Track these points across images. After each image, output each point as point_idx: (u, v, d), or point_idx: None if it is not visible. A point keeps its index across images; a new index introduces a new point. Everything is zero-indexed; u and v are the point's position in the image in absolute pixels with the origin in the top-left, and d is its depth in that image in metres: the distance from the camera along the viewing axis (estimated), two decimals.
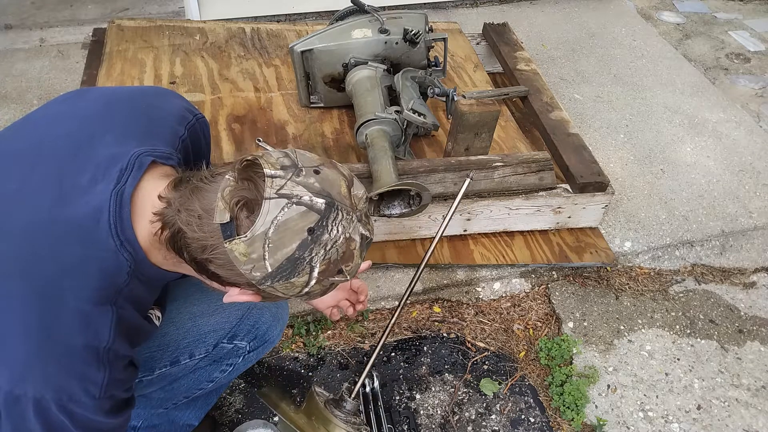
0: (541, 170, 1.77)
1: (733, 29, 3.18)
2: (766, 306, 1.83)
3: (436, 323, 1.71)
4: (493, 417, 1.51)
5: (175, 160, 0.88)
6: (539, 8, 3.23)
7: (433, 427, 1.48)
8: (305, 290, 0.80)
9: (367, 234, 0.81)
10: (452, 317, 1.72)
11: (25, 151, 0.86)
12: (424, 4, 3.11)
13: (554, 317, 1.75)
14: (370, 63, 1.87)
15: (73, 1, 3.05)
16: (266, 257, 0.74)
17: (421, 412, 1.51)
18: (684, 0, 3.43)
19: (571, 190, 1.82)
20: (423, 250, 1.80)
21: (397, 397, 1.54)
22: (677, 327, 1.75)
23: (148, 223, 0.80)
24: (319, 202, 0.75)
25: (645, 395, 1.57)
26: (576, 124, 2.18)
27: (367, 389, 1.49)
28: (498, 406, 1.54)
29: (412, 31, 1.85)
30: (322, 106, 2.04)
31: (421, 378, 1.58)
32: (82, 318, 0.77)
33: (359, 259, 0.82)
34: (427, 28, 1.93)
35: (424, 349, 1.65)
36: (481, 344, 1.67)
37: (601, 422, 1.50)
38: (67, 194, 0.79)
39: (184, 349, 1.10)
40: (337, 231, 0.76)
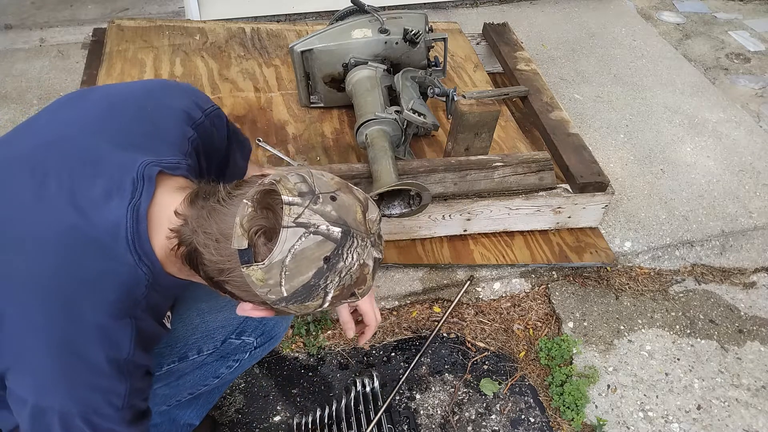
0: (541, 170, 1.77)
1: (733, 29, 3.18)
2: (766, 306, 1.83)
3: (436, 323, 1.71)
4: (493, 417, 1.51)
5: (183, 168, 0.88)
6: (539, 8, 3.23)
7: (433, 427, 1.48)
8: (318, 311, 0.82)
9: (379, 256, 0.83)
10: (452, 317, 1.72)
11: (35, 158, 0.85)
12: (424, 4, 3.11)
13: (554, 317, 1.75)
14: (370, 63, 1.87)
15: (73, 1, 3.05)
16: (282, 284, 0.76)
17: (421, 412, 1.51)
18: (684, 0, 3.43)
19: (571, 190, 1.82)
20: (423, 250, 1.80)
21: (397, 397, 1.54)
22: (677, 327, 1.75)
23: (165, 238, 0.81)
24: (336, 231, 0.76)
25: (645, 395, 1.57)
26: (576, 124, 2.18)
27: (367, 389, 1.49)
28: (498, 406, 1.54)
29: (412, 31, 1.85)
30: (322, 106, 2.04)
31: (421, 378, 1.58)
32: (103, 331, 0.78)
33: (371, 281, 0.83)
34: (427, 28, 1.93)
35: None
36: (481, 344, 1.67)
37: (601, 422, 1.50)
38: (82, 208, 0.79)
39: (192, 345, 1.11)
40: (352, 258, 0.78)
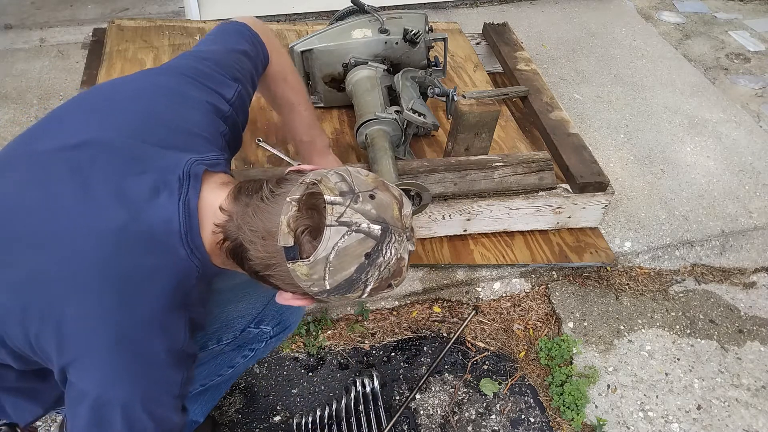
0: (541, 170, 1.77)
1: (733, 29, 3.18)
2: (766, 306, 1.83)
3: (436, 323, 1.71)
4: (493, 417, 1.51)
5: (222, 164, 0.93)
6: (539, 8, 3.23)
7: (433, 427, 1.48)
8: (356, 301, 0.88)
9: (412, 248, 0.87)
10: (452, 317, 1.72)
11: (73, 157, 0.85)
12: (424, 4, 3.11)
13: (554, 317, 1.75)
14: (370, 63, 1.87)
15: (73, 1, 3.05)
16: (326, 278, 0.80)
17: (421, 412, 1.51)
18: (684, 0, 3.43)
19: (571, 190, 1.82)
20: (423, 250, 1.80)
21: (397, 397, 1.54)
22: (677, 327, 1.75)
23: (211, 233, 0.85)
24: (376, 228, 0.80)
25: (645, 395, 1.57)
26: (576, 124, 2.18)
27: (367, 389, 1.49)
28: (498, 406, 1.54)
29: (412, 31, 1.85)
30: (322, 106, 2.04)
31: (421, 378, 1.58)
32: (161, 324, 0.81)
33: (406, 272, 0.88)
34: (427, 28, 1.93)
35: (424, 349, 1.65)
36: (481, 344, 1.67)
37: (601, 422, 1.50)
38: (131, 205, 0.81)
39: (212, 335, 1.13)
40: (390, 253, 0.82)
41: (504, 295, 1.79)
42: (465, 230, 1.83)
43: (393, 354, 1.63)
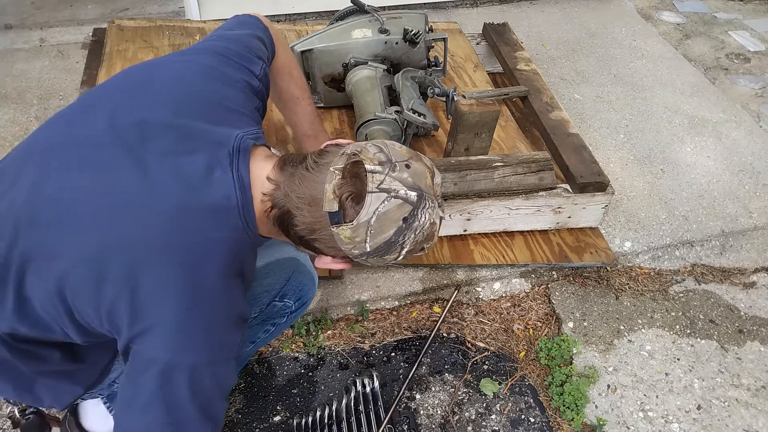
0: (541, 170, 1.77)
1: (733, 29, 3.18)
2: (766, 306, 1.83)
3: (436, 323, 1.71)
4: (493, 417, 1.51)
5: (262, 137, 0.99)
6: (539, 8, 3.23)
7: (433, 427, 1.48)
8: (391, 263, 0.95)
9: (443, 215, 0.94)
10: (452, 317, 1.72)
11: (125, 138, 0.89)
12: (424, 4, 3.11)
13: (554, 317, 1.75)
14: (370, 63, 1.87)
15: (73, 1, 3.05)
16: (367, 240, 0.88)
17: (421, 412, 1.51)
18: (684, 0, 3.43)
19: (571, 190, 1.82)
20: None
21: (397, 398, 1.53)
22: (677, 327, 1.75)
23: (260, 202, 0.91)
24: (412, 194, 0.87)
25: (645, 395, 1.57)
26: (576, 124, 2.18)
27: (367, 389, 1.49)
28: (498, 406, 1.54)
29: (412, 31, 1.85)
30: (322, 106, 2.04)
31: (421, 378, 1.58)
32: (223, 292, 0.87)
33: (437, 236, 0.96)
34: (427, 28, 1.93)
35: (424, 348, 1.65)
36: (481, 344, 1.67)
37: (601, 422, 1.50)
38: (190, 182, 0.86)
39: None
40: (425, 218, 0.89)
41: (504, 295, 1.79)
42: (465, 230, 1.83)
43: (393, 354, 1.63)
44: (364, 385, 1.50)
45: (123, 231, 0.83)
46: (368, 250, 0.89)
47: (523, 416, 1.52)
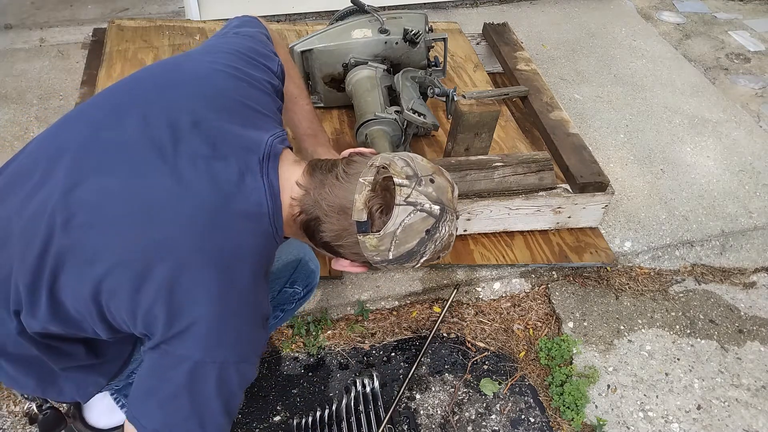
0: (541, 170, 1.77)
1: (733, 29, 3.18)
2: (766, 306, 1.83)
3: (436, 323, 1.71)
4: (493, 417, 1.51)
5: (287, 140, 1.01)
6: (539, 8, 3.23)
7: (433, 427, 1.48)
8: (409, 269, 0.99)
9: (458, 227, 0.99)
10: (452, 317, 1.72)
11: (157, 141, 0.89)
12: (424, 4, 3.11)
13: (554, 317, 1.75)
14: (370, 63, 1.87)
15: (73, 1, 3.05)
16: (391, 249, 0.92)
17: (421, 412, 1.51)
18: (684, 0, 3.43)
19: (571, 190, 1.82)
20: None
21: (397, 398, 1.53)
22: (677, 327, 1.75)
23: (288, 206, 0.94)
24: (436, 208, 0.92)
25: (645, 395, 1.57)
26: (576, 124, 2.18)
27: (367, 389, 1.49)
28: (498, 406, 1.54)
29: (412, 31, 1.85)
30: (322, 106, 2.04)
31: (421, 378, 1.58)
32: (253, 294, 0.90)
33: (451, 247, 1.00)
34: (427, 28, 1.93)
35: (424, 348, 1.65)
36: (481, 344, 1.67)
37: (601, 422, 1.50)
38: (225, 188, 0.88)
39: None
40: (445, 230, 0.94)
41: (504, 295, 1.79)
42: (465, 230, 1.83)
43: (393, 354, 1.63)
44: (364, 385, 1.50)
45: (160, 235, 0.84)
46: (390, 258, 0.93)
47: (523, 416, 1.52)
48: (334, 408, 1.46)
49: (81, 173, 0.88)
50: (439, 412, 1.51)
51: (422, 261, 0.96)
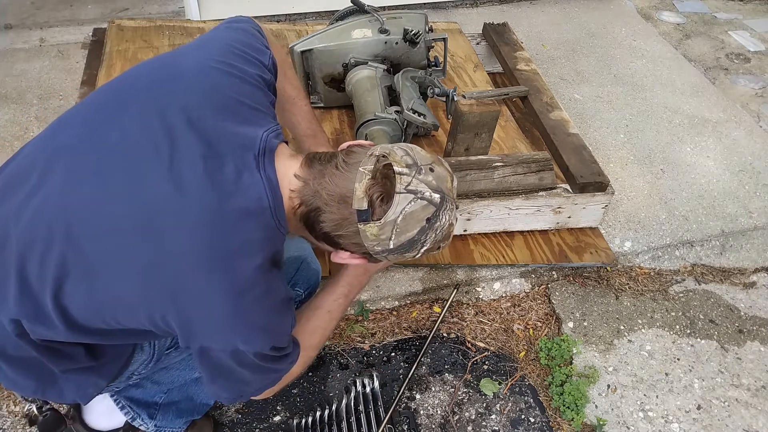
0: (541, 170, 1.77)
1: (733, 29, 3.18)
2: (766, 306, 1.83)
3: (436, 323, 1.71)
4: (493, 417, 1.51)
5: (281, 134, 1.01)
6: (539, 8, 3.23)
7: (433, 427, 1.48)
8: (409, 259, 0.99)
9: (458, 217, 1.00)
10: (452, 317, 1.72)
11: (156, 142, 0.89)
12: (424, 4, 3.11)
13: (554, 317, 1.75)
14: (370, 63, 1.87)
15: (73, 1, 3.05)
16: (392, 238, 0.92)
17: (421, 412, 1.51)
18: (684, 0, 3.43)
19: (571, 190, 1.82)
20: None
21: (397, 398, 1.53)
22: (677, 327, 1.75)
23: (288, 199, 0.95)
24: (436, 197, 0.93)
25: (645, 395, 1.57)
26: (576, 124, 2.18)
27: (367, 389, 1.49)
28: (498, 406, 1.54)
29: (412, 31, 1.85)
30: (322, 106, 2.04)
31: (421, 378, 1.58)
32: (265, 286, 0.90)
33: (451, 237, 1.01)
34: (427, 28, 1.93)
35: (424, 348, 1.65)
36: (481, 344, 1.67)
37: (601, 422, 1.50)
38: (223, 187, 0.88)
39: None
40: (445, 219, 0.95)
41: (504, 295, 1.79)
42: (465, 230, 1.83)
43: (393, 354, 1.63)
44: (364, 385, 1.50)
45: (163, 246, 0.85)
46: (391, 247, 0.93)
47: (523, 416, 1.52)
48: (334, 408, 1.46)
49: (78, 176, 0.88)
50: (439, 412, 1.51)
51: (422, 251, 0.96)
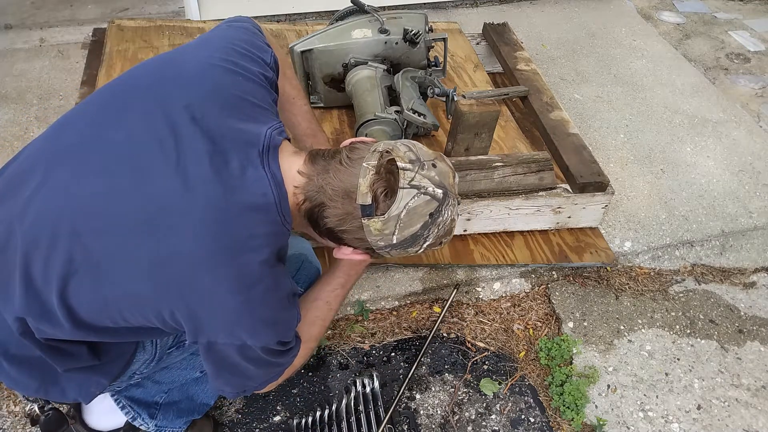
0: (541, 170, 1.77)
1: (733, 29, 3.18)
2: (766, 306, 1.83)
3: (436, 323, 1.71)
4: (493, 417, 1.51)
5: (284, 130, 1.02)
6: (539, 8, 3.23)
7: (433, 427, 1.48)
8: (411, 255, 1.01)
9: (459, 213, 1.01)
10: (452, 317, 1.72)
11: (162, 142, 0.89)
12: (424, 4, 3.11)
13: (554, 317, 1.75)
14: (370, 63, 1.87)
15: (73, 1, 3.05)
16: (395, 233, 0.94)
17: (421, 412, 1.51)
18: (684, 0, 3.43)
19: (571, 190, 1.82)
20: None
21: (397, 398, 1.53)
22: (677, 327, 1.75)
23: (292, 195, 0.95)
24: (439, 192, 0.94)
25: (645, 395, 1.57)
26: (576, 124, 2.18)
27: (367, 389, 1.49)
28: (498, 406, 1.54)
29: (412, 31, 1.85)
30: (322, 106, 2.04)
31: (421, 378, 1.58)
32: (271, 280, 0.91)
33: (453, 232, 1.02)
34: (427, 28, 1.93)
35: (424, 348, 1.65)
36: (481, 344, 1.67)
37: (601, 422, 1.50)
38: (229, 184, 0.89)
39: None
40: (448, 214, 0.96)
41: (504, 295, 1.79)
42: (465, 230, 1.83)
43: (393, 354, 1.63)
44: (364, 385, 1.50)
45: (170, 241, 0.85)
46: (394, 242, 0.94)
47: (523, 416, 1.52)
48: (334, 408, 1.46)
49: (84, 174, 0.88)
50: (439, 412, 1.51)
51: (425, 246, 0.97)
